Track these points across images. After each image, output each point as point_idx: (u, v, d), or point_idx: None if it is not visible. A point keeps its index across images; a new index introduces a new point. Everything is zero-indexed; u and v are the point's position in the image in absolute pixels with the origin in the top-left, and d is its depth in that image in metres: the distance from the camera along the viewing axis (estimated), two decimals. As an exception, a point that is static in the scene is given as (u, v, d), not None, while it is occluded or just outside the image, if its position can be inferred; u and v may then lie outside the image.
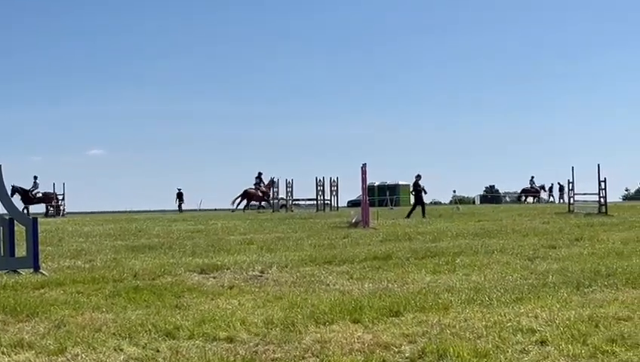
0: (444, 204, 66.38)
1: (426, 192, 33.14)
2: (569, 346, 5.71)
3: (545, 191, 63.14)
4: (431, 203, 72.64)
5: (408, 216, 29.93)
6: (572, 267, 10.47)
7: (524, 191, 63.32)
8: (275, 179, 47.78)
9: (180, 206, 54.05)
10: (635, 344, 5.69)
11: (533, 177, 63.35)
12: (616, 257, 11.69)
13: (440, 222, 25.16)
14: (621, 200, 67.05)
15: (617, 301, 7.58)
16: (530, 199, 61.57)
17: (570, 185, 34.10)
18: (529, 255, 12.42)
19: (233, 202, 46.41)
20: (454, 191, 63.30)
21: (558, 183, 59.26)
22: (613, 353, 5.48)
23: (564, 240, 15.29)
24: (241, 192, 46.81)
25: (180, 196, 54.48)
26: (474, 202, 69.93)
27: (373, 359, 5.54)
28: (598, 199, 29.52)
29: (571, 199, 33.91)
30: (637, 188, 69.51)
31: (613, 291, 8.30)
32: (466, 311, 7.28)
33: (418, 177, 32.70)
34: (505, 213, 30.94)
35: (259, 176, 48.54)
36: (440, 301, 7.85)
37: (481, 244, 14.66)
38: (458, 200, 52.08)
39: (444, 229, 20.04)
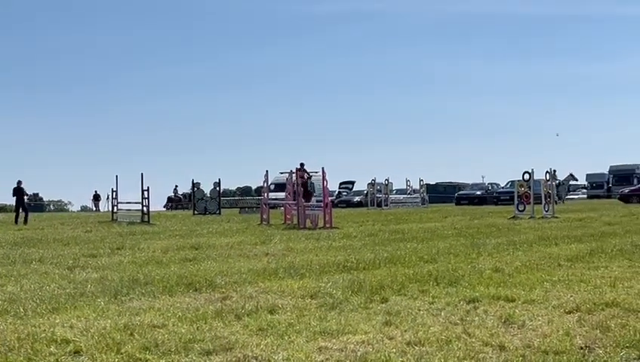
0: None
1: (27, 194, 32.74)
2: (103, 355, 5.63)
3: (185, 198, 63.42)
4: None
5: (16, 221, 29.90)
6: (111, 276, 10.44)
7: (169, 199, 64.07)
8: None
9: None
10: (168, 351, 5.78)
11: (177, 186, 65.10)
12: (156, 265, 11.91)
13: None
14: (165, 209, 69.31)
15: (154, 309, 7.68)
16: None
17: (114, 193, 34.28)
18: (69, 264, 12.16)
19: None
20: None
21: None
22: (146, 361, 5.51)
23: (105, 248, 15.25)
24: None
25: None
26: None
27: None
28: (141, 208, 30.02)
29: (115, 208, 34.10)
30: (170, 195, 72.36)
31: (150, 299, 8.40)
32: (-2, 324, 6.86)
33: (19, 182, 31.10)
34: (47, 222, 30.14)
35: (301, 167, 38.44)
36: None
37: (19, 254, 14.04)
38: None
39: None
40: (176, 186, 65.36)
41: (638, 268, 10.81)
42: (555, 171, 55.77)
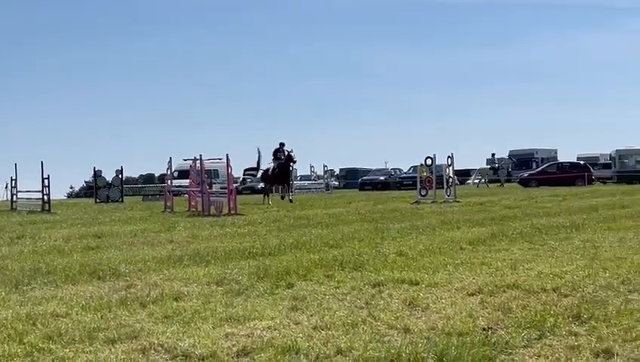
0: None
1: None
2: (5, 345, 5.51)
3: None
4: None
5: None
6: (12, 265, 10.19)
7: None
8: None
9: None
10: (72, 340, 5.68)
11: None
12: (58, 254, 11.66)
13: None
14: (66, 197, 67.81)
15: (56, 298, 7.54)
16: None
17: (13, 181, 33.35)
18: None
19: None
20: None
21: None
22: (50, 350, 5.40)
23: (5, 238, 14.88)
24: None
25: None
26: None
27: None
28: (41, 196, 29.25)
29: (14, 196, 33.18)
30: (81, 185, 71.05)
31: (53, 288, 8.24)
32: None
33: None
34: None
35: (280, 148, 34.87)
36: None
37: None
38: None
39: None
40: None
41: (538, 250, 11.12)
42: (494, 155, 57.54)
